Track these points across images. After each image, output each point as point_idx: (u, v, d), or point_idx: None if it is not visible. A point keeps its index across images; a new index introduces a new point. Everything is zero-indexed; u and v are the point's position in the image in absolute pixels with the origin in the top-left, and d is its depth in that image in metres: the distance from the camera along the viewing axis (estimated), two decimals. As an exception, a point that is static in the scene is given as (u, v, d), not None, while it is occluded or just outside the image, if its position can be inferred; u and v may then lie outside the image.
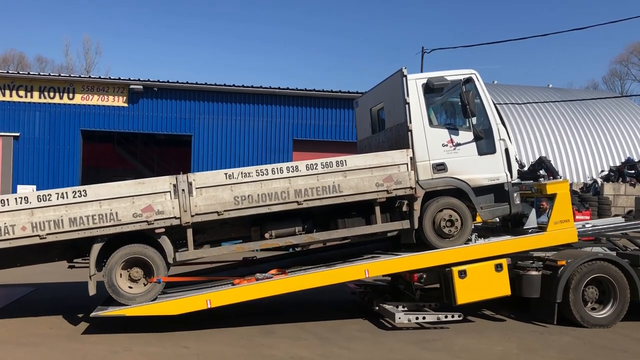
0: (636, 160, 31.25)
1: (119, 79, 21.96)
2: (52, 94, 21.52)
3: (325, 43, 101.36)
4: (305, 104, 23.24)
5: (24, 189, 21.26)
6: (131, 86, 21.68)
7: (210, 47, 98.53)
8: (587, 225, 10.60)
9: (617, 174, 29.74)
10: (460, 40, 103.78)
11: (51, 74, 22.64)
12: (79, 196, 8.03)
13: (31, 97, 21.37)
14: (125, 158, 28.83)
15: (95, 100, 21.77)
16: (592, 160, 33.87)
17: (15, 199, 7.95)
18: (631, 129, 35.68)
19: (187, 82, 22.14)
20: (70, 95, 21.61)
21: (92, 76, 24.18)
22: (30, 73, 22.80)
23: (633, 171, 29.31)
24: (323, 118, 23.34)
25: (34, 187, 21.29)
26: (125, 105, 21.93)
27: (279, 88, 22.75)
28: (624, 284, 8.94)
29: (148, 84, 21.85)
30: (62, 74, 23.21)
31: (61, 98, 21.55)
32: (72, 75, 23.85)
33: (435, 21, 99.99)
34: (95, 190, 8.13)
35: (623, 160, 32.32)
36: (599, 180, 29.12)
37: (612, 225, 10.67)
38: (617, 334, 8.64)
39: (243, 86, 22.62)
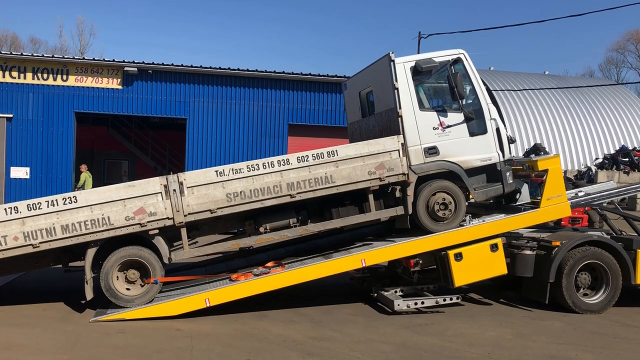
0: (630, 148, 31.33)
1: (114, 60, 21.77)
2: (45, 75, 21.33)
3: (324, 26, 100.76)
4: (301, 89, 23.13)
5: (17, 171, 21.19)
6: (125, 68, 21.52)
7: (207, 30, 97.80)
8: (579, 194, 10.62)
9: (611, 162, 29.85)
10: (458, 26, 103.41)
11: (45, 55, 22.40)
12: (69, 203, 7.97)
13: (24, 78, 21.20)
14: (120, 141, 28.68)
15: (89, 82, 21.61)
16: (586, 147, 33.95)
17: (5, 209, 7.87)
18: (626, 117, 35.71)
19: (182, 65, 21.98)
20: (64, 77, 21.44)
21: (86, 58, 24.01)
22: (24, 54, 22.61)
23: (627, 159, 29.40)
24: (319, 103, 23.25)
25: (28, 169, 21.21)
26: (120, 87, 21.77)
27: (274, 72, 22.62)
28: (616, 270, 8.99)
29: (143, 66, 21.69)
30: (55, 55, 22.93)
31: (55, 80, 21.38)
32: (65, 56, 23.56)
33: (434, 6, 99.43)
34: (86, 195, 8.10)
35: (617, 148, 32.41)
36: (593, 168, 29.21)
37: (604, 193, 10.70)
38: (607, 319, 8.70)
39: (238, 69, 22.48)
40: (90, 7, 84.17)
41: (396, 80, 8.76)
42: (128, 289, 8.32)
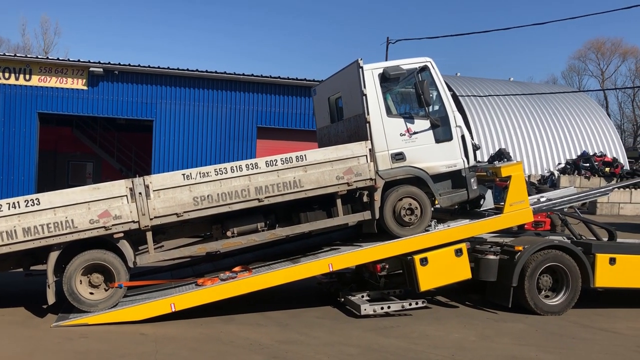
0: (591, 154, 32.23)
1: (79, 61, 21.40)
2: (7, 75, 20.82)
3: (291, 29, 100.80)
4: (270, 92, 23.10)
5: (-24, 173, 20.60)
6: (91, 69, 21.17)
7: (174, 30, 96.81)
8: (542, 199, 10.88)
9: (573, 167, 30.66)
10: (426, 32, 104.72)
11: (7, 54, 21.87)
12: (31, 205, 7.79)
13: (-15, 77, 20.65)
14: (84, 142, 28.15)
15: (53, 82, 21.18)
16: (549, 153, 34.76)
17: None
18: (587, 123, 36.71)
19: (149, 66, 21.73)
20: (27, 77, 20.96)
21: (50, 57, 23.47)
22: (-16, 52, 22.01)
23: (588, 164, 30.24)
24: (288, 106, 23.26)
25: (-12, 170, 20.66)
26: (85, 88, 21.40)
27: (243, 74, 22.55)
28: (576, 272, 9.23)
29: (109, 67, 21.37)
30: (18, 54, 22.41)
31: (17, 79, 20.89)
32: (29, 55, 23.04)
33: (403, 12, 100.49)
34: (49, 198, 7.91)
35: (579, 153, 33.30)
36: (556, 173, 29.96)
37: (565, 198, 10.98)
38: (567, 321, 8.92)
39: (206, 71, 22.34)
40: (56, 6, 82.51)
41: (364, 87, 8.84)
42: (92, 293, 8.18)
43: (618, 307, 9.90)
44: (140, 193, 8.10)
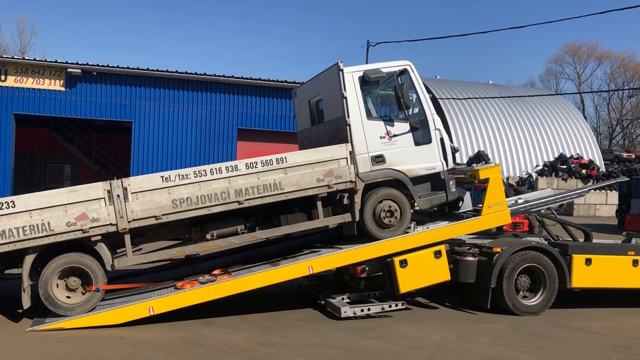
0: (568, 156, 32.72)
1: (56, 61, 21.07)
2: (-18, 75, 20.45)
3: (273, 33, 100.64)
4: (250, 93, 23.00)
5: (-50, 175, 20.19)
6: (69, 69, 20.85)
7: (153, 31, 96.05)
8: (519, 201, 11.01)
9: (550, 169, 31.10)
10: (406, 35, 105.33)
11: (-19, 54, 21.44)
12: (6, 207, 7.66)
13: (-41, 77, 20.27)
14: (62, 144, 27.75)
15: (29, 83, 20.82)
16: (527, 155, 35.21)
17: None
18: (564, 126, 37.26)
19: (128, 67, 21.48)
20: (3, 77, 20.59)
21: (26, 58, 23.10)
22: (-42, 52, 21.60)
23: (565, 166, 30.70)
24: (268, 108, 23.18)
25: (-38, 172, 20.25)
26: (63, 89, 21.08)
27: (223, 76, 22.42)
28: (553, 273, 9.35)
29: (87, 68, 21.08)
30: (-7, 55, 22.02)
31: (-8, 80, 20.51)
32: (4, 55, 22.66)
33: (383, 15, 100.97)
34: (25, 200, 7.80)
35: (556, 155, 33.78)
36: (534, 175, 30.36)
37: (542, 200, 11.12)
38: (544, 320, 9.03)
39: (186, 73, 22.15)
40: (32, 6, 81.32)
41: (345, 90, 8.87)
42: (68, 297, 8.06)
43: (594, 307, 10.06)
44: (118, 195, 8.01)
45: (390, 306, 8.86)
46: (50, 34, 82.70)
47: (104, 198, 7.99)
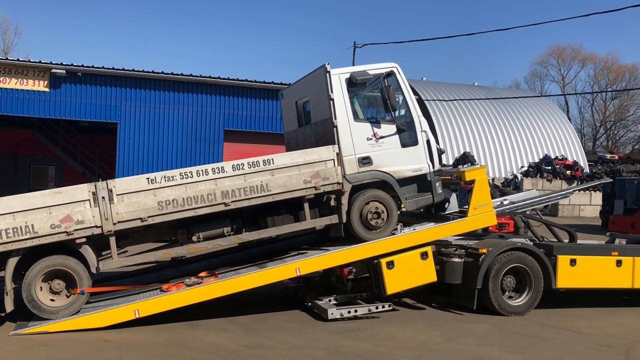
0: (553, 157, 33.00)
1: (40, 62, 20.91)
2: (-36, 76, 20.22)
3: (261, 34, 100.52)
4: (236, 94, 22.98)
5: None
6: (53, 70, 20.71)
7: (139, 32, 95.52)
8: (505, 202, 11.09)
9: (535, 170, 31.35)
10: (392, 37, 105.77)
11: (-36, 54, 21.20)
12: None
13: (-59, 78, 20.01)
14: (46, 145, 27.47)
15: (13, 83, 20.64)
16: (513, 156, 35.46)
17: None
18: (549, 127, 37.59)
19: (113, 68, 21.39)
20: (-15, 78, 20.38)
21: (10, 58, 22.86)
22: (-60, 52, 21.32)
23: (550, 167, 30.96)
24: (255, 109, 23.16)
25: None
26: (47, 90, 20.92)
27: (209, 77, 22.38)
28: (538, 273, 9.42)
29: (71, 69, 20.94)
30: (-24, 55, 21.76)
31: (-26, 80, 20.28)
32: (-13, 56, 22.41)
33: (370, 16, 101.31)
34: (8, 202, 7.70)
35: (541, 157, 34.06)
36: (519, 176, 30.57)
37: (527, 201, 11.21)
38: (530, 320, 9.10)
39: (172, 74, 22.09)
40: (15, 5, 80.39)
41: (332, 91, 8.88)
42: (52, 300, 7.96)
43: (579, 307, 10.15)
44: (103, 197, 7.94)
45: (377, 307, 8.88)
46: (34, 34, 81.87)
47: (89, 200, 7.91)
